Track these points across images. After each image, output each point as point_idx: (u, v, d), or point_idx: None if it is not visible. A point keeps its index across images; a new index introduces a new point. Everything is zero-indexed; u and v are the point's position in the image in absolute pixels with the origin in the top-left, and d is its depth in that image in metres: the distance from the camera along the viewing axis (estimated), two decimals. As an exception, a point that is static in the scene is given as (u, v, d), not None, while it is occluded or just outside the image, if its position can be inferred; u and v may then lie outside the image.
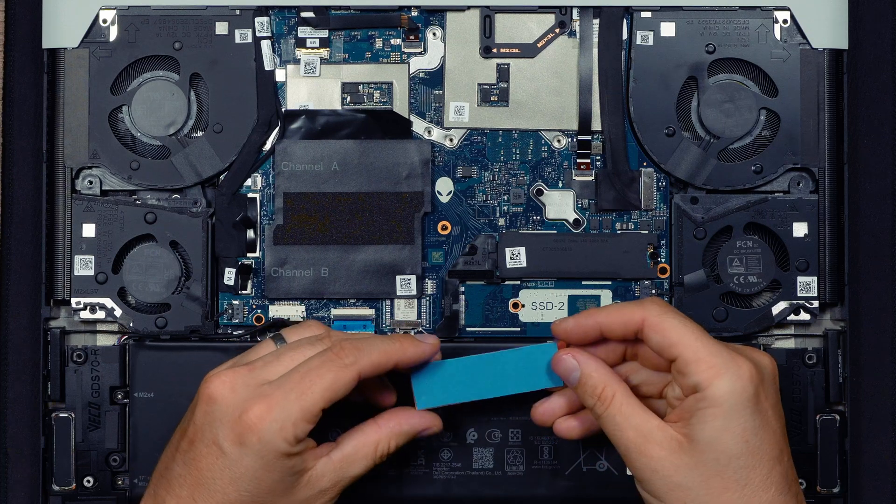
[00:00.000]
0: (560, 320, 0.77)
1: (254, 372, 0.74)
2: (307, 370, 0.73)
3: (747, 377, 0.71)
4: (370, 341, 0.75)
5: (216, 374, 0.74)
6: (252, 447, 0.72)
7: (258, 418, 0.72)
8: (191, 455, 0.73)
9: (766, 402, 0.72)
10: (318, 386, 0.73)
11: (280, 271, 0.85)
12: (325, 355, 0.74)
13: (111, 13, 0.85)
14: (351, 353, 0.74)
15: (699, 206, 0.85)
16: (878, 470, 0.87)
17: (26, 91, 0.87)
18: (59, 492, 0.84)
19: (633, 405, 0.73)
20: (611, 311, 0.75)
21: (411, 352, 0.77)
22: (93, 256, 0.84)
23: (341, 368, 0.73)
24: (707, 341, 0.72)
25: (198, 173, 0.85)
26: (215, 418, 0.73)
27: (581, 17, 0.86)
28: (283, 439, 0.72)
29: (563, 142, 0.86)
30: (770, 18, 0.85)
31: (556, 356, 0.76)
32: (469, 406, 0.82)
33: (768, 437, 0.72)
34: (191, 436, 0.74)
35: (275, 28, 0.86)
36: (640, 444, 0.72)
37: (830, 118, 0.85)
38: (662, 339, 0.73)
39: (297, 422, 0.72)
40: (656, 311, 0.73)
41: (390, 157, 0.85)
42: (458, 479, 0.84)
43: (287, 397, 0.72)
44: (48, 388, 0.84)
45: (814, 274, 0.84)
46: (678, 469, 0.72)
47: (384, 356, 0.75)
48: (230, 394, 0.73)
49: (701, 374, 0.71)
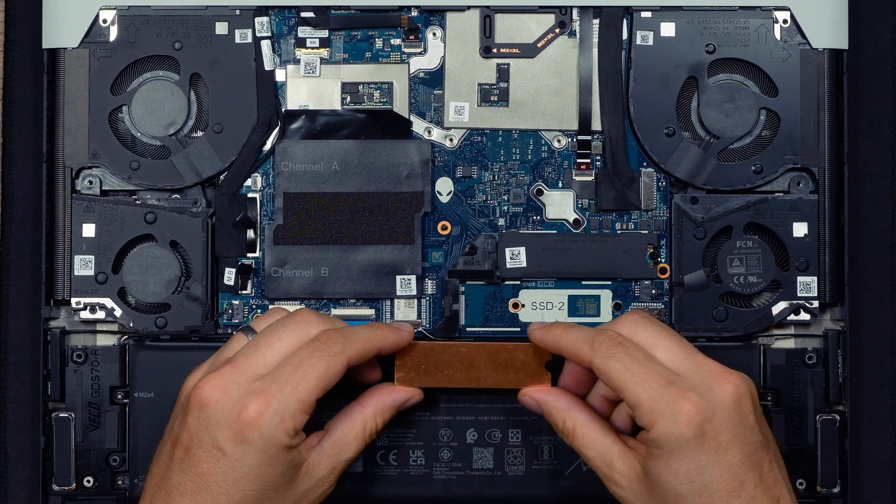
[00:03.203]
0: (535, 328, 0.79)
1: (239, 368, 0.74)
2: (298, 361, 0.74)
3: (684, 420, 0.71)
4: (354, 329, 0.76)
5: (204, 379, 0.74)
6: (254, 444, 0.72)
7: (257, 414, 0.72)
8: (188, 462, 0.73)
9: (718, 438, 0.72)
10: (312, 376, 0.73)
11: (280, 271, 0.85)
12: (314, 345, 0.74)
13: (111, 13, 0.85)
14: (338, 342, 0.75)
15: (699, 206, 0.85)
16: (878, 470, 0.87)
17: (26, 91, 0.87)
18: (59, 492, 0.84)
19: (595, 433, 0.76)
20: (567, 342, 0.76)
21: (392, 338, 0.78)
22: (93, 256, 0.84)
23: (332, 357, 0.74)
24: (647, 384, 0.72)
25: (198, 173, 0.85)
26: (212, 422, 0.73)
27: (581, 17, 0.86)
28: (284, 432, 0.72)
29: (563, 142, 0.86)
30: (770, 18, 0.85)
31: (518, 397, 0.79)
32: (469, 406, 0.82)
33: (719, 473, 0.72)
34: (186, 443, 0.73)
35: (275, 28, 0.86)
36: (605, 473, 0.75)
37: (830, 118, 0.85)
38: (609, 382, 0.74)
39: (294, 413, 0.73)
40: (602, 354, 0.74)
41: (390, 157, 0.85)
42: (458, 479, 0.84)
43: (283, 390, 0.73)
44: (48, 388, 0.84)
45: (814, 274, 0.84)
46: (638, 498, 0.74)
47: (369, 343, 0.76)
48: (223, 395, 0.73)
49: (643, 418, 0.72)
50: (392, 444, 0.84)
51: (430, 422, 0.84)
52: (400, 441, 0.84)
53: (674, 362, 0.74)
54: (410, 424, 0.83)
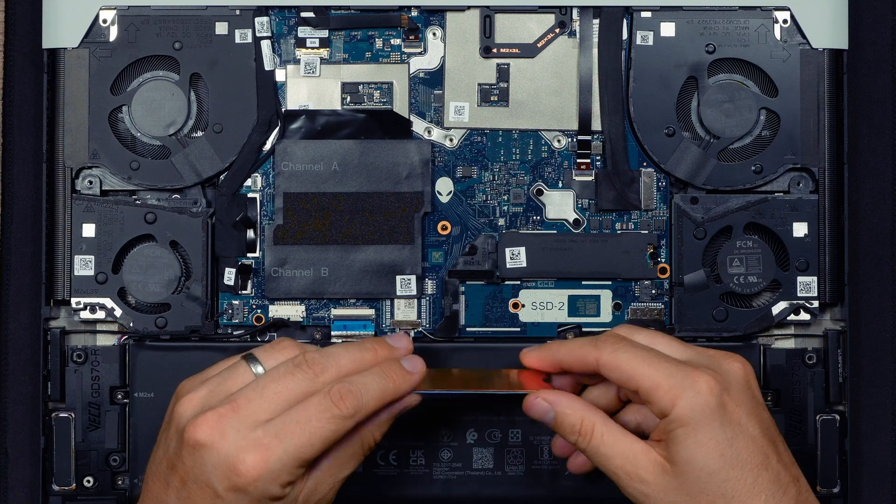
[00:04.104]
0: (527, 351, 0.77)
1: (240, 413, 0.71)
2: (306, 419, 0.71)
3: (706, 391, 0.71)
4: (366, 385, 0.73)
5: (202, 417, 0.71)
6: (248, 494, 0.71)
7: (255, 469, 0.70)
8: (184, 493, 0.71)
9: (737, 410, 0.72)
10: (318, 438, 0.71)
11: (280, 271, 0.85)
12: (325, 403, 0.72)
13: (111, 13, 0.85)
14: (351, 404, 0.72)
15: (699, 206, 0.85)
16: (878, 470, 0.87)
17: (26, 91, 0.87)
18: (59, 492, 0.84)
19: (614, 432, 0.73)
20: (567, 350, 0.75)
21: (404, 389, 0.75)
22: (93, 256, 0.84)
23: (342, 420, 0.72)
24: (661, 365, 0.72)
25: (198, 173, 0.85)
26: (206, 463, 0.71)
27: (581, 17, 0.86)
28: (279, 485, 0.71)
29: (563, 142, 0.86)
30: (770, 18, 0.85)
31: (526, 401, 0.76)
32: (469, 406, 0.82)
33: (745, 445, 0.71)
34: (181, 474, 0.72)
35: (275, 28, 0.86)
36: (630, 471, 0.73)
37: (830, 118, 0.85)
38: (619, 374, 0.73)
39: (292, 470, 0.71)
40: (609, 350, 0.73)
41: (390, 157, 0.85)
42: (458, 479, 0.84)
43: (285, 448, 0.71)
44: (48, 388, 0.84)
45: (814, 274, 0.84)
46: (667, 492, 0.72)
47: (381, 403, 0.74)
48: (220, 439, 0.70)
49: (662, 400, 0.72)
50: (392, 444, 0.84)
51: (430, 422, 0.84)
52: (400, 441, 0.84)
53: (675, 353, 0.74)
54: (410, 424, 0.83)
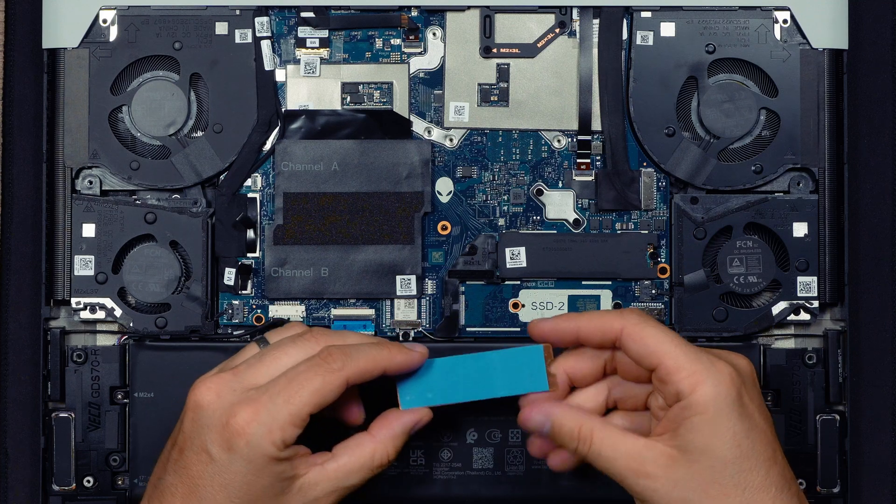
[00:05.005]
0: (538, 321, 0.76)
1: (238, 376, 0.73)
2: (295, 374, 0.73)
3: (729, 381, 0.71)
4: (358, 347, 0.75)
5: (201, 381, 0.74)
6: (240, 452, 0.72)
7: (245, 422, 0.71)
8: (181, 463, 0.73)
9: (751, 404, 0.72)
10: (306, 390, 0.72)
11: (280, 271, 0.85)
12: (313, 360, 0.73)
13: (111, 13, 0.85)
14: (339, 359, 0.74)
15: (699, 206, 0.85)
16: (878, 470, 0.87)
17: (26, 91, 0.87)
18: (59, 492, 0.84)
19: (614, 434, 0.73)
20: (591, 317, 0.75)
21: (399, 359, 0.76)
22: (93, 256, 0.84)
23: (329, 373, 0.73)
24: (686, 349, 0.72)
25: (198, 173, 0.85)
26: (202, 424, 0.72)
27: (581, 17, 0.86)
28: (271, 443, 0.72)
29: (563, 142, 0.86)
30: (770, 18, 0.85)
31: (521, 416, 0.75)
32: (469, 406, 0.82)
33: (759, 438, 0.72)
34: (181, 444, 0.73)
35: (275, 28, 0.86)
36: (636, 469, 0.72)
37: (830, 118, 0.85)
38: (641, 347, 0.73)
39: (284, 426, 0.72)
40: (635, 321, 0.73)
41: (390, 157, 0.85)
42: (458, 479, 0.84)
43: (274, 401, 0.72)
44: (48, 388, 0.84)
45: (814, 274, 0.84)
46: (676, 484, 0.71)
47: (372, 363, 0.75)
48: (216, 399, 0.72)
49: (683, 382, 0.71)
50: (392, 444, 0.84)
51: (430, 422, 0.83)
52: (400, 441, 0.84)
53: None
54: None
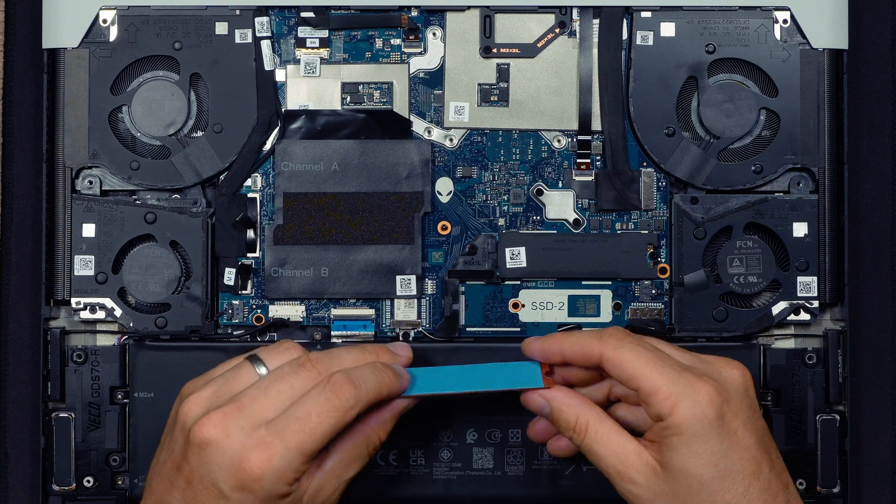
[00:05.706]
0: (530, 340, 0.77)
1: (244, 412, 0.72)
2: (307, 414, 0.72)
3: (706, 401, 0.71)
4: (364, 377, 0.74)
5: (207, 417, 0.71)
6: (254, 493, 0.71)
7: (259, 468, 0.71)
8: (189, 494, 0.72)
9: (734, 421, 0.72)
10: (320, 432, 0.71)
11: (280, 271, 0.85)
12: (324, 395, 0.72)
13: (111, 13, 0.85)
14: (351, 395, 0.73)
15: (699, 206, 0.85)
16: (878, 470, 0.87)
17: (26, 91, 0.87)
18: (59, 492, 0.84)
19: (609, 431, 0.74)
20: (573, 341, 0.75)
21: (397, 386, 0.76)
22: (93, 256, 0.84)
23: (344, 412, 0.72)
24: (664, 370, 0.72)
25: (198, 173, 0.85)
26: (212, 463, 0.71)
27: (581, 17, 0.86)
28: (285, 483, 0.71)
29: (563, 142, 0.86)
30: (770, 18, 0.85)
31: (524, 395, 0.76)
32: (470, 406, 0.82)
33: (739, 455, 0.72)
34: (186, 475, 0.72)
35: (275, 28, 0.86)
36: (621, 470, 0.73)
37: (830, 118, 0.85)
38: (621, 372, 0.73)
39: (297, 467, 0.71)
40: (613, 345, 0.73)
41: (390, 157, 0.85)
42: (458, 479, 0.84)
43: (288, 445, 0.71)
44: (48, 388, 0.84)
45: (814, 274, 0.84)
46: (657, 495, 0.72)
47: (377, 395, 0.74)
48: (225, 438, 0.71)
49: (661, 405, 0.72)
50: (392, 444, 0.84)
51: (430, 422, 0.84)
52: (400, 441, 0.84)
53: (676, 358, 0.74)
54: (410, 424, 0.83)
